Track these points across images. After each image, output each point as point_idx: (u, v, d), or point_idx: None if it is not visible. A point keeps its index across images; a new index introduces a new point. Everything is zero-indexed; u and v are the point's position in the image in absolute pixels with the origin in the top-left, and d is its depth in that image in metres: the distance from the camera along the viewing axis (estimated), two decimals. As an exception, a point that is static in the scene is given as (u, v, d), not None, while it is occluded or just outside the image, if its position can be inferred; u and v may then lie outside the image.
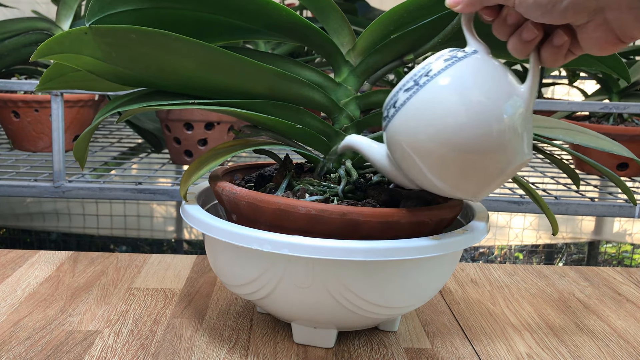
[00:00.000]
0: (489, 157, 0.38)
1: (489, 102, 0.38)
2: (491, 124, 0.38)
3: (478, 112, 0.37)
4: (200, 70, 0.45)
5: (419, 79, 0.39)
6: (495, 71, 0.39)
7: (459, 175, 0.39)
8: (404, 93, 0.39)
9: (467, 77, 0.38)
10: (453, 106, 0.38)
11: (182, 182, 0.48)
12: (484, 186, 0.40)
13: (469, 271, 0.68)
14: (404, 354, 0.49)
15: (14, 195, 0.95)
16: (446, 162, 0.39)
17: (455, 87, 0.38)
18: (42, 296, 0.57)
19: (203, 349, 0.49)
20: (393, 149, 0.41)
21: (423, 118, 0.38)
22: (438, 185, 0.40)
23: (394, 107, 0.40)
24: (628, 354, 0.51)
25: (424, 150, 0.39)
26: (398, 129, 0.40)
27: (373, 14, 1.47)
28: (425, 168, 0.40)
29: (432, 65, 0.39)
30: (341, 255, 0.41)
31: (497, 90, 0.38)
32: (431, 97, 0.38)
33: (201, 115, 1.01)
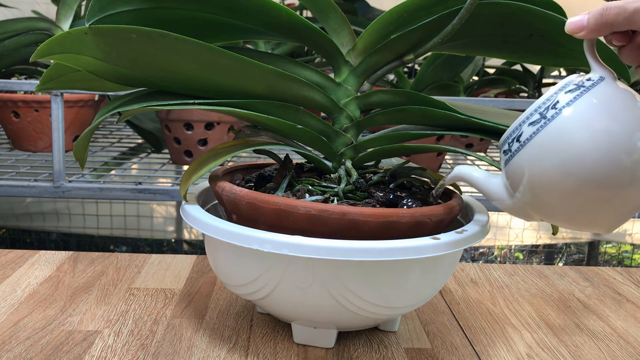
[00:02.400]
0: (623, 192, 0.37)
1: (622, 133, 0.36)
2: (621, 156, 0.36)
3: (609, 145, 0.36)
4: (200, 70, 0.45)
5: (546, 112, 0.37)
6: (626, 98, 0.37)
7: (592, 210, 0.38)
8: (529, 127, 0.38)
9: (598, 108, 0.37)
10: (585, 141, 0.36)
11: (182, 182, 0.48)
12: (618, 220, 0.39)
13: (469, 271, 0.68)
14: (404, 354, 0.49)
15: (14, 195, 0.95)
16: (577, 198, 0.37)
17: (587, 119, 0.36)
18: (42, 296, 0.57)
19: (203, 349, 0.49)
20: (517, 184, 0.40)
21: (553, 153, 0.37)
22: (567, 220, 0.39)
23: (517, 142, 0.39)
24: (628, 354, 0.51)
25: (554, 186, 0.37)
26: (525, 164, 0.38)
27: (373, 14, 1.47)
28: (554, 202, 0.38)
29: (559, 96, 0.38)
30: (341, 255, 0.41)
31: (632, 119, 0.36)
32: (561, 131, 0.37)
33: (201, 115, 1.01)
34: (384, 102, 0.50)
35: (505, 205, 0.42)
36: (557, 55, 0.48)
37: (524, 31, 0.47)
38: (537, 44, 0.48)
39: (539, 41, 0.47)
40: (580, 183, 0.37)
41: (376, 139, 0.50)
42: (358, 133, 0.51)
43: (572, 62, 0.49)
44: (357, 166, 0.52)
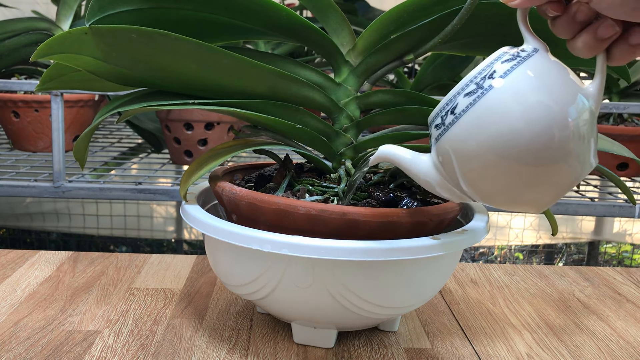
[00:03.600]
0: (559, 168, 0.35)
1: (557, 108, 0.35)
2: (554, 132, 0.35)
3: (545, 119, 0.34)
4: (201, 70, 0.45)
5: (483, 82, 0.36)
6: (560, 72, 0.36)
7: (527, 188, 0.36)
8: (465, 98, 0.36)
9: (534, 80, 0.35)
10: (521, 113, 0.35)
11: (182, 182, 0.48)
12: (552, 197, 0.37)
13: (469, 271, 0.68)
14: (404, 354, 0.49)
15: (14, 195, 0.95)
16: (512, 174, 0.35)
17: (522, 91, 0.35)
18: (42, 296, 0.57)
19: (203, 349, 0.49)
20: (449, 161, 0.37)
21: (490, 124, 0.35)
22: (504, 201, 0.37)
23: (452, 114, 0.36)
24: (628, 354, 0.51)
25: (490, 162, 0.35)
26: (459, 138, 0.36)
27: (373, 14, 1.47)
28: (488, 179, 0.36)
29: (495, 66, 0.36)
30: (341, 255, 0.41)
31: (565, 93, 0.35)
32: (499, 102, 0.35)
33: (201, 115, 1.01)
34: (383, 102, 0.50)
35: (434, 185, 0.40)
36: (556, 55, 0.48)
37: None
38: (537, 44, 0.48)
39: (539, 41, 0.47)
40: (516, 157, 0.35)
41: (376, 139, 0.50)
42: (358, 133, 0.51)
43: (571, 62, 0.48)
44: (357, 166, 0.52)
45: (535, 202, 0.37)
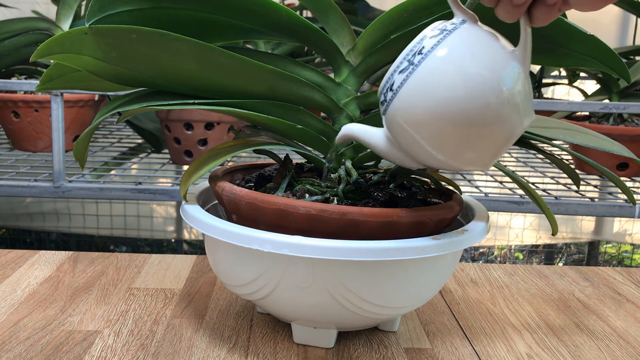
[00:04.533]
0: (492, 129, 0.38)
1: (486, 73, 0.37)
2: (489, 96, 0.37)
3: (476, 85, 0.37)
4: (200, 70, 0.45)
5: (413, 58, 0.39)
6: (487, 39, 0.38)
7: (465, 148, 0.39)
8: (399, 75, 0.39)
9: (461, 49, 0.38)
10: (451, 80, 0.37)
11: (182, 182, 0.48)
12: (491, 156, 0.40)
13: (469, 271, 0.68)
14: (404, 354, 0.49)
15: (14, 195, 0.95)
16: (449, 137, 0.38)
17: (451, 60, 0.38)
18: (42, 296, 0.57)
19: (203, 349, 0.49)
20: (396, 131, 0.41)
21: (423, 96, 0.38)
22: (445, 161, 0.40)
23: (391, 90, 0.39)
24: (628, 354, 0.51)
25: (428, 128, 0.38)
26: (399, 111, 0.39)
27: (373, 14, 1.47)
28: (430, 146, 0.39)
29: (424, 42, 0.39)
30: (341, 255, 0.41)
31: (493, 59, 0.38)
32: (428, 74, 0.38)
33: (201, 115, 1.01)
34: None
35: (390, 156, 0.43)
36: (556, 55, 0.48)
37: (524, 31, 0.47)
38: (537, 44, 0.48)
39: (539, 41, 0.47)
40: (451, 124, 0.38)
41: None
42: (358, 133, 0.51)
43: (572, 62, 0.49)
44: (357, 166, 0.52)
45: (480, 160, 0.40)
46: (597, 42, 0.45)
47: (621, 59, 0.47)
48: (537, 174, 1.17)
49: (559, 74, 1.69)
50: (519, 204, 0.95)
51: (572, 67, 1.30)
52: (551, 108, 0.97)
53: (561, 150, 0.78)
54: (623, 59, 0.60)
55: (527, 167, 1.23)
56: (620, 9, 1.75)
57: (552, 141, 0.50)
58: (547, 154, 0.52)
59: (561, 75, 1.68)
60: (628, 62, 1.21)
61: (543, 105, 0.98)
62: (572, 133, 0.51)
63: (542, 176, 1.16)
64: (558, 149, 1.21)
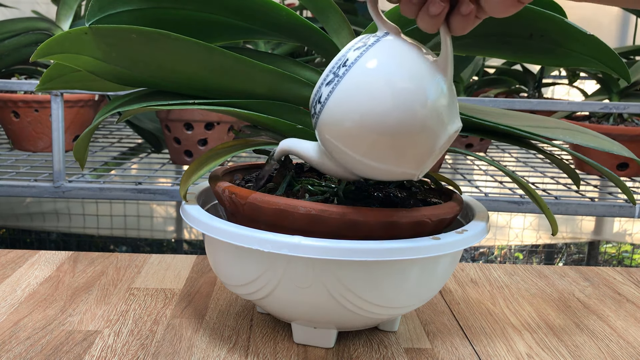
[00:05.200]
0: (418, 138, 0.39)
1: (411, 85, 0.38)
2: (415, 107, 0.38)
3: (402, 96, 0.38)
4: (200, 70, 0.45)
5: (338, 71, 0.39)
6: (409, 51, 0.39)
7: (395, 158, 0.40)
8: (326, 87, 0.40)
9: (384, 60, 0.39)
10: (376, 92, 0.38)
11: (182, 182, 0.48)
12: (420, 163, 0.41)
13: (469, 271, 0.68)
14: (404, 354, 0.49)
15: (14, 195, 0.95)
16: (376, 147, 0.39)
17: (374, 72, 0.38)
18: (42, 296, 0.57)
19: (203, 349, 0.49)
20: (327, 144, 0.41)
21: (348, 107, 0.39)
22: (377, 170, 0.41)
23: (319, 103, 0.40)
24: (628, 354, 0.51)
25: (355, 139, 0.39)
26: (327, 123, 0.40)
27: (373, 14, 1.47)
28: (359, 156, 0.40)
29: (348, 54, 0.39)
30: (341, 255, 0.41)
31: (417, 70, 0.38)
32: (351, 86, 0.39)
33: (201, 115, 1.01)
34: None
35: (324, 168, 0.44)
36: (556, 55, 0.48)
37: (524, 31, 0.47)
38: (537, 44, 0.48)
39: (539, 41, 0.47)
40: (377, 134, 0.38)
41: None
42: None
43: (571, 62, 0.49)
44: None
45: (411, 168, 0.41)
46: (597, 42, 0.45)
47: (621, 59, 0.47)
48: (537, 174, 1.17)
49: (559, 74, 1.69)
50: (519, 204, 0.95)
51: (572, 67, 1.30)
52: (551, 108, 0.97)
53: (561, 150, 0.78)
54: (623, 59, 0.60)
55: (527, 167, 1.23)
56: (620, 9, 1.75)
57: (552, 141, 0.50)
58: (547, 154, 0.52)
59: (561, 75, 1.68)
60: (628, 62, 1.21)
61: (543, 105, 0.98)
62: (572, 133, 0.51)
63: (542, 176, 1.16)
64: (558, 149, 1.21)
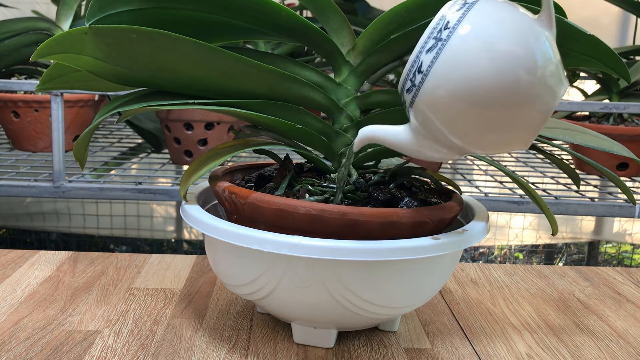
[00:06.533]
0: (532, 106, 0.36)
1: (520, 48, 0.35)
2: (519, 73, 0.35)
3: (508, 60, 0.35)
4: (201, 70, 0.45)
5: (440, 34, 0.36)
6: (512, 9, 0.36)
7: (514, 130, 0.37)
8: (427, 54, 0.36)
9: (488, 20, 0.36)
10: (487, 56, 0.35)
11: (182, 182, 0.48)
12: (535, 131, 0.38)
13: (469, 271, 0.68)
14: (404, 354, 0.49)
15: (14, 195, 0.95)
16: (496, 112, 0.36)
17: (482, 33, 0.35)
18: (42, 296, 0.57)
19: (203, 349, 0.49)
20: (433, 117, 0.37)
21: (457, 73, 0.35)
22: (489, 142, 0.37)
23: (419, 72, 0.37)
24: (628, 354, 0.51)
25: (464, 109, 0.36)
26: (432, 93, 0.36)
27: (373, 14, 1.47)
28: (469, 126, 0.36)
29: (448, 17, 0.36)
30: (341, 255, 0.41)
31: (523, 30, 0.35)
32: (461, 48, 0.35)
33: (201, 115, 1.01)
34: (384, 102, 0.50)
35: (419, 150, 0.40)
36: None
37: (524, 31, 0.47)
38: (537, 44, 0.48)
39: (539, 41, 0.47)
40: (485, 102, 0.35)
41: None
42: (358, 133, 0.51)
43: (571, 62, 0.49)
44: (357, 166, 0.52)
45: (516, 140, 0.38)
46: (597, 42, 0.45)
47: (621, 59, 0.47)
48: (537, 174, 1.17)
49: (559, 74, 1.68)
50: (519, 204, 0.95)
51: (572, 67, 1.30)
52: (551, 108, 0.97)
53: (561, 150, 0.78)
54: (623, 59, 0.60)
55: (527, 167, 1.23)
56: (620, 9, 1.75)
57: (552, 141, 0.50)
58: (547, 154, 0.52)
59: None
60: (628, 62, 1.21)
61: (543, 105, 0.98)
62: (572, 133, 0.51)
63: (542, 176, 1.16)
64: (558, 149, 1.21)
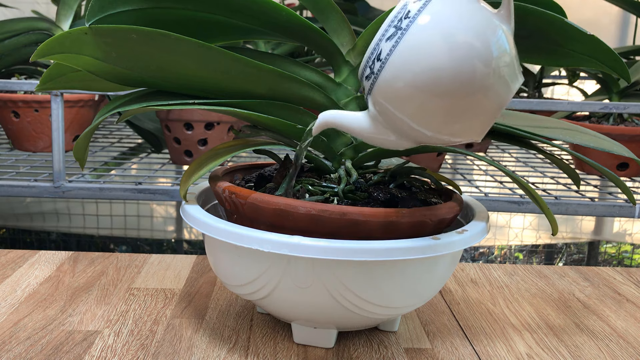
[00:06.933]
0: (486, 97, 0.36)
1: (477, 40, 0.35)
2: (475, 64, 0.35)
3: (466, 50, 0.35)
4: (200, 70, 0.45)
5: (400, 23, 0.37)
6: (473, 1, 0.37)
7: (468, 120, 0.37)
8: (387, 42, 0.37)
9: (448, 12, 0.36)
10: (444, 46, 0.35)
11: (182, 182, 0.48)
12: (488, 123, 0.38)
13: (469, 271, 0.68)
14: (404, 354, 0.49)
15: (14, 195, 0.95)
16: (449, 102, 0.36)
17: (440, 24, 0.36)
18: (42, 296, 0.57)
19: (203, 349, 0.49)
20: (389, 104, 0.38)
21: (415, 64, 0.36)
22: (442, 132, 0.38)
23: (378, 60, 0.37)
24: (628, 354, 0.51)
25: (420, 99, 0.36)
26: (390, 82, 0.37)
27: (373, 14, 1.47)
28: (424, 117, 0.37)
29: (409, 6, 0.37)
30: (341, 255, 0.41)
31: (481, 22, 0.36)
32: (420, 38, 0.36)
33: (201, 115, 1.01)
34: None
35: (376, 137, 0.41)
36: (556, 56, 0.48)
37: (523, 31, 0.47)
38: (537, 43, 0.48)
39: (539, 41, 0.47)
40: (442, 92, 0.36)
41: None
42: (358, 133, 0.51)
43: (571, 62, 0.49)
44: (357, 166, 0.52)
45: (470, 130, 0.38)
46: (597, 42, 0.45)
47: (621, 59, 0.47)
48: (537, 174, 1.17)
49: (559, 74, 1.69)
50: (519, 204, 0.95)
51: (572, 67, 1.30)
52: (551, 108, 0.97)
53: (561, 150, 0.78)
54: (623, 59, 0.60)
55: (527, 167, 1.23)
56: (620, 9, 1.75)
57: (552, 141, 0.50)
58: (547, 154, 0.52)
59: (561, 75, 1.68)
60: (628, 62, 1.21)
61: (543, 105, 0.98)
62: (572, 133, 0.51)
63: (542, 176, 1.16)
64: (558, 149, 1.21)
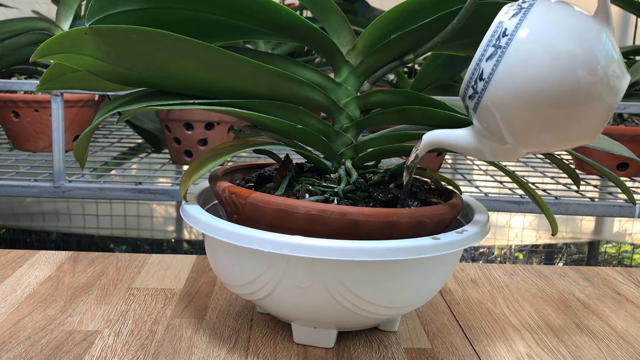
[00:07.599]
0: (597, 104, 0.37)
1: (579, 47, 0.36)
2: (579, 72, 0.36)
3: (569, 61, 0.36)
4: (200, 70, 0.45)
5: (499, 42, 0.37)
6: (567, 8, 0.37)
7: (573, 124, 0.37)
8: (487, 62, 0.37)
9: (546, 23, 0.36)
10: (547, 59, 0.36)
11: (182, 182, 0.48)
12: (600, 126, 0.39)
13: (469, 271, 0.68)
14: (404, 354, 0.49)
15: (14, 195, 0.95)
16: (557, 115, 0.37)
17: (539, 38, 0.36)
18: (42, 296, 0.57)
19: (203, 349, 0.49)
20: (493, 121, 0.39)
21: (520, 79, 0.36)
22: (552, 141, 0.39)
23: (481, 80, 0.38)
24: (628, 354, 0.51)
25: (529, 111, 0.37)
26: (495, 97, 0.37)
27: (373, 14, 1.47)
28: (535, 129, 0.38)
29: (505, 24, 0.37)
30: (341, 255, 0.41)
31: (582, 30, 0.36)
32: (522, 53, 0.36)
33: (201, 115, 1.01)
34: (384, 102, 0.50)
35: (485, 153, 0.41)
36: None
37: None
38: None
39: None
40: (549, 102, 0.36)
41: (376, 139, 0.50)
42: (358, 133, 0.51)
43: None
44: (357, 166, 0.52)
45: (581, 137, 0.39)
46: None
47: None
48: (537, 174, 1.17)
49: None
50: (519, 204, 0.95)
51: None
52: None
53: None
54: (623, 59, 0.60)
55: (527, 167, 1.23)
56: (620, 9, 1.75)
57: (552, 141, 0.49)
58: (547, 154, 0.52)
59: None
60: (628, 62, 1.21)
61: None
62: (572, 133, 0.51)
63: (542, 176, 1.16)
64: (558, 149, 1.21)
